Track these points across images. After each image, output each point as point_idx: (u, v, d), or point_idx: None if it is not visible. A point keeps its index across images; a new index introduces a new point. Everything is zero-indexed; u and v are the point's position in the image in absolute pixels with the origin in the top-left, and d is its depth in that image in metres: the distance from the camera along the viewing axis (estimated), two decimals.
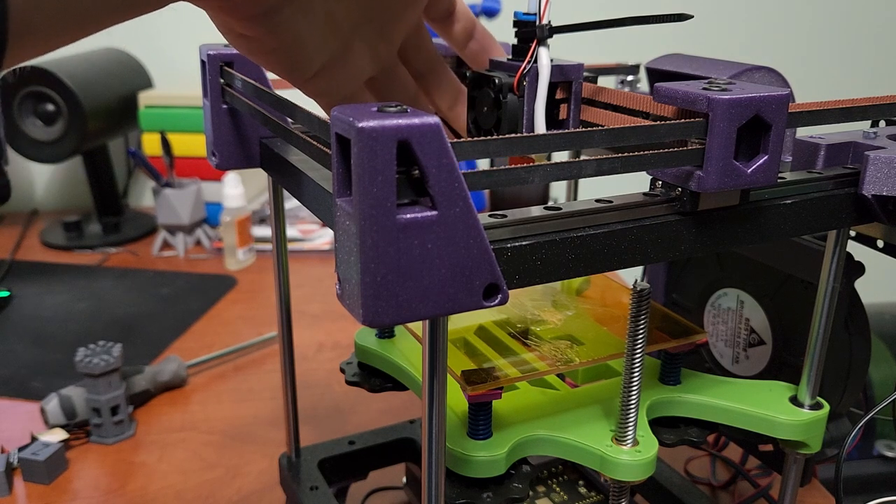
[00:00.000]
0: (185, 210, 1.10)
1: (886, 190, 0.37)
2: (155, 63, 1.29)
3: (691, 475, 0.64)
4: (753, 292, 0.54)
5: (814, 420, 0.44)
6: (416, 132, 0.25)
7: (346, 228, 0.26)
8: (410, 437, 0.58)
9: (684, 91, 0.32)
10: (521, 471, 0.41)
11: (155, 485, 0.63)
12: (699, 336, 0.46)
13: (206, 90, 0.43)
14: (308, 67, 0.34)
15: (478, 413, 0.40)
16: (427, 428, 0.32)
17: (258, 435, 0.70)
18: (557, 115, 0.41)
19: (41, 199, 1.38)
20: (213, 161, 0.45)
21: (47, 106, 1.07)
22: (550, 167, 0.29)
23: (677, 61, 0.48)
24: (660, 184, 0.35)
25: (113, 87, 1.16)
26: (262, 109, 0.38)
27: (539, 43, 0.38)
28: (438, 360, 0.31)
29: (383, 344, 0.51)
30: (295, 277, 1.01)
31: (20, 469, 0.63)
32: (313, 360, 0.83)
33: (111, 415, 0.68)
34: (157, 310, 0.94)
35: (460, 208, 0.26)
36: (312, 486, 0.52)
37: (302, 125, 0.32)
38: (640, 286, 0.39)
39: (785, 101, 0.32)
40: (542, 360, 0.44)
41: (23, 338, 0.87)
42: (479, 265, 0.27)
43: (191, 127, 1.16)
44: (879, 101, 0.38)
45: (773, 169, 0.33)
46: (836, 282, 0.42)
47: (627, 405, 0.41)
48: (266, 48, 0.32)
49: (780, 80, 0.45)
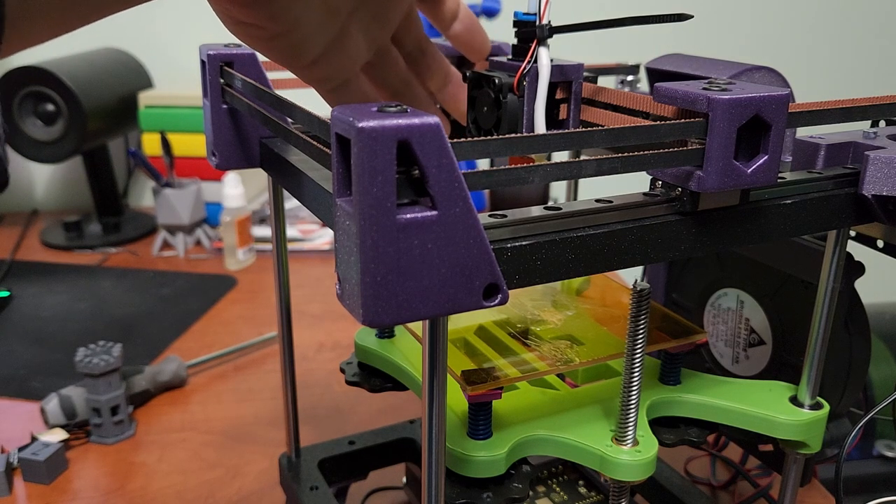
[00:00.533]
0: (185, 210, 1.10)
1: (886, 190, 0.37)
2: (155, 63, 1.29)
3: (691, 475, 0.64)
4: (753, 292, 0.54)
5: (814, 420, 0.44)
6: (416, 132, 0.25)
7: (346, 228, 0.26)
8: (410, 437, 0.58)
9: (684, 91, 0.32)
10: (521, 471, 0.41)
11: (155, 485, 0.63)
12: (699, 336, 0.46)
13: (206, 90, 0.43)
14: (308, 53, 0.34)
15: (478, 413, 0.40)
16: (427, 428, 0.32)
17: (258, 435, 0.70)
18: (557, 115, 0.41)
19: (41, 199, 1.38)
20: (213, 161, 0.44)
21: (47, 106, 1.07)
22: (550, 167, 0.29)
23: (677, 61, 0.48)
24: (660, 184, 0.35)
25: (113, 87, 1.16)
26: (262, 109, 0.38)
27: (539, 43, 0.38)
28: (438, 360, 0.31)
29: (383, 344, 0.51)
30: (295, 277, 1.01)
31: (20, 469, 0.63)
32: (313, 360, 0.83)
33: (111, 415, 0.68)
34: (157, 310, 0.94)
35: (460, 208, 0.26)
36: (312, 486, 0.52)
37: (302, 125, 0.32)
38: (640, 286, 0.39)
39: (785, 101, 0.32)
40: (542, 360, 0.44)
41: (23, 338, 0.87)
42: (479, 265, 0.27)
43: (191, 127, 1.16)
44: (879, 101, 0.38)
45: (773, 169, 0.33)
46: (836, 282, 0.42)
47: (627, 405, 0.41)
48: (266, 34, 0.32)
49: (780, 80, 0.45)
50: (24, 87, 1.06)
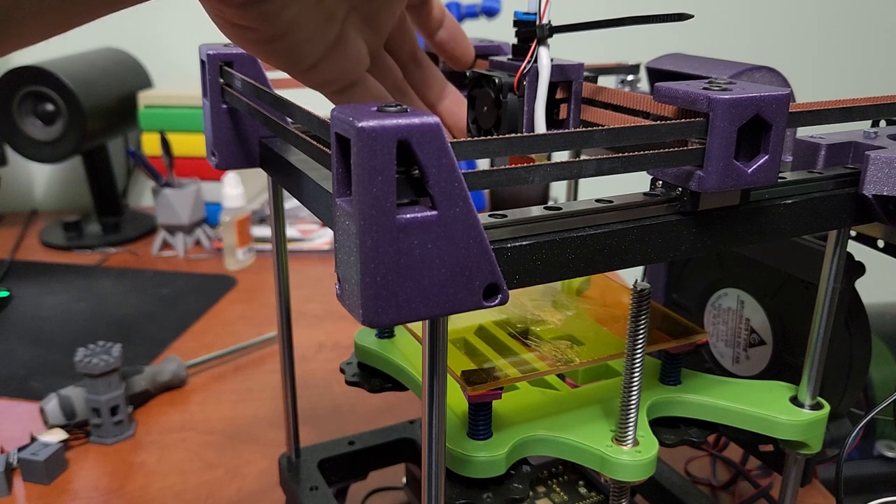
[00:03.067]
0: (185, 210, 1.10)
1: (887, 190, 0.37)
2: (155, 63, 1.29)
3: (691, 475, 0.64)
4: (754, 292, 0.54)
5: (814, 420, 0.44)
6: (416, 132, 0.24)
7: (345, 228, 0.26)
8: (410, 437, 0.58)
9: (684, 91, 0.32)
10: (521, 471, 0.41)
11: (154, 485, 0.63)
12: (699, 336, 0.46)
13: (206, 90, 0.43)
14: (306, 57, 0.34)
15: (478, 413, 0.40)
16: (427, 428, 0.32)
17: (258, 435, 0.70)
18: (557, 114, 0.41)
19: (41, 199, 1.38)
20: (212, 161, 0.44)
21: (47, 106, 1.07)
22: (550, 167, 0.29)
23: (677, 61, 0.48)
24: (660, 184, 0.35)
25: (113, 87, 1.16)
26: (262, 109, 0.38)
27: (539, 43, 0.38)
28: (438, 360, 0.31)
29: (383, 344, 0.51)
30: (295, 277, 1.01)
31: (20, 469, 0.63)
32: (313, 360, 0.83)
33: (111, 415, 0.68)
34: (156, 310, 0.94)
35: (460, 208, 0.26)
36: (312, 487, 0.52)
37: (302, 125, 0.32)
38: (641, 286, 0.39)
39: (785, 100, 0.32)
40: (542, 360, 0.44)
41: (22, 338, 0.87)
42: (479, 265, 0.27)
43: (190, 127, 1.16)
44: (879, 101, 0.38)
45: (774, 169, 0.33)
46: (837, 282, 0.42)
47: (628, 405, 0.40)
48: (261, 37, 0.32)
49: (781, 80, 0.45)
50: (23, 86, 1.06)
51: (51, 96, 1.06)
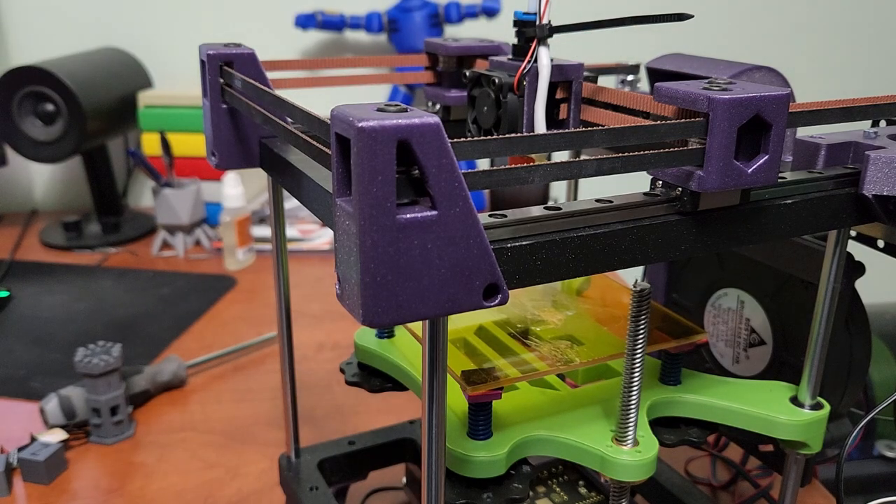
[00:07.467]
0: (185, 210, 1.10)
1: (887, 190, 0.37)
2: (155, 63, 1.29)
3: (691, 475, 0.64)
4: (754, 292, 0.54)
5: (814, 420, 0.44)
6: (416, 132, 0.24)
7: (345, 228, 0.26)
8: (410, 437, 0.58)
9: (685, 91, 0.32)
10: (521, 471, 0.41)
11: (154, 485, 0.63)
12: (699, 336, 0.46)
13: (206, 90, 0.43)
14: None
15: (478, 413, 0.40)
16: (427, 428, 0.32)
17: (258, 435, 0.70)
18: (557, 114, 0.41)
19: (41, 199, 1.38)
20: (212, 161, 0.44)
21: (47, 106, 1.07)
22: (550, 167, 0.29)
23: (677, 61, 0.48)
24: (660, 184, 0.35)
25: (112, 87, 1.16)
26: (262, 109, 0.38)
27: (539, 43, 0.38)
28: (438, 360, 0.31)
29: (383, 344, 0.51)
30: (295, 277, 1.01)
31: (20, 469, 0.63)
32: (313, 360, 0.83)
33: (111, 415, 0.68)
34: (156, 310, 0.94)
35: (460, 208, 0.26)
36: (312, 487, 0.52)
37: (302, 125, 0.32)
38: (641, 286, 0.39)
39: (785, 100, 0.32)
40: (542, 360, 0.43)
41: (22, 338, 0.87)
42: (479, 265, 0.27)
43: (190, 127, 1.16)
44: (879, 101, 0.38)
45: (774, 169, 0.33)
46: (837, 282, 0.42)
47: (628, 405, 0.40)
48: None
49: (781, 80, 0.45)
50: (23, 86, 1.06)
51: (51, 96, 1.06)
